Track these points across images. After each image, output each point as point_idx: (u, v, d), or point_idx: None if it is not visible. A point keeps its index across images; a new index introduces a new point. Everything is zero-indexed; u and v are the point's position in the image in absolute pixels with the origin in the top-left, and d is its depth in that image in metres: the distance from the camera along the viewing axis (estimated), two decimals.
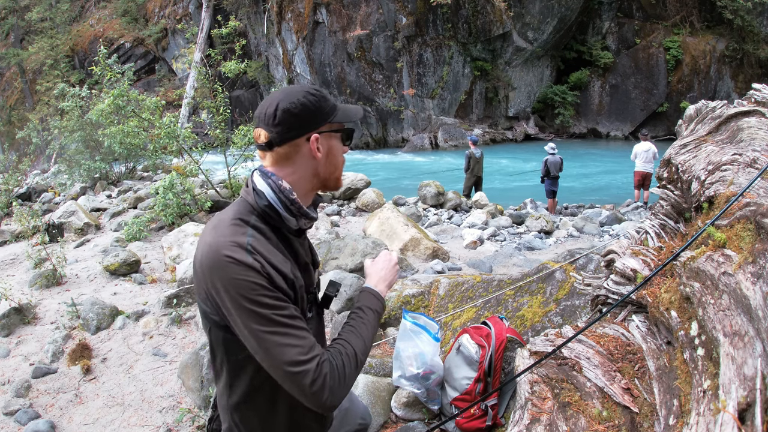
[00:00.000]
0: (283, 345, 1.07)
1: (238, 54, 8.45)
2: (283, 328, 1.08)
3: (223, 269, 1.08)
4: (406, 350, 2.49)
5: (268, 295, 1.08)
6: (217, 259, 1.10)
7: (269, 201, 1.19)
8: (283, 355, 1.07)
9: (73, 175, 11.43)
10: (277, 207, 1.19)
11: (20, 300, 4.67)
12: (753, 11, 21.61)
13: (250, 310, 1.07)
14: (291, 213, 1.21)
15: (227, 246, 1.10)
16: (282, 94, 1.20)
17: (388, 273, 1.45)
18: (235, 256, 1.08)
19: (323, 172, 1.27)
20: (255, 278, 1.07)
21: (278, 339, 1.07)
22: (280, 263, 1.14)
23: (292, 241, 1.25)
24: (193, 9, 26.60)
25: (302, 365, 1.07)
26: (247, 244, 1.11)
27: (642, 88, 23.83)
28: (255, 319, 1.07)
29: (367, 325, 1.28)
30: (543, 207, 10.43)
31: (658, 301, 1.64)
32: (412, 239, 5.97)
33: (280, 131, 1.18)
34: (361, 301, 1.35)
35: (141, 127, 8.08)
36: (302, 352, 1.07)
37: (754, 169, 1.84)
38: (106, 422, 3.23)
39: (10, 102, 30.39)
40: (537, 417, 1.51)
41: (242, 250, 1.09)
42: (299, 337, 1.09)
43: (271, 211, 1.19)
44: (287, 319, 1.09)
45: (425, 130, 23.14)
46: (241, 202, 1.23)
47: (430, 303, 3.67)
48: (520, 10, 21.74)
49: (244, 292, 1.07)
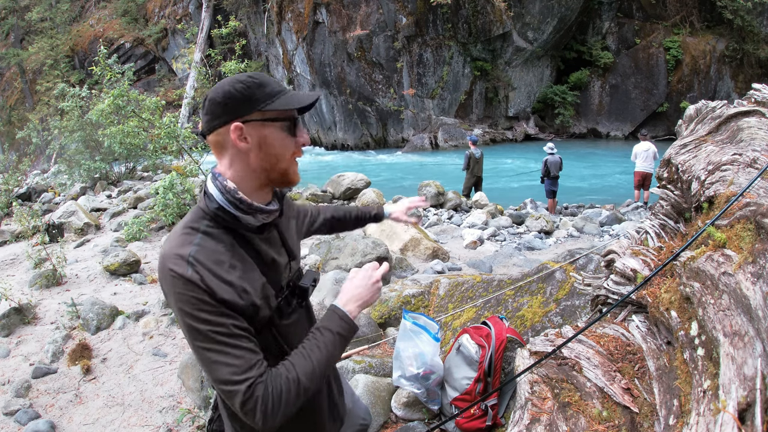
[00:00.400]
0: (217, 363, 1.06)
1: (238, 54, 8.45)
2: (218, 345, 1.06)
3: (168, 282, 1.09)
4: (406, 350, 2.49)
5: (207, 310, 1.07)
6: (162, 271, 1.11)
7: (218, 203, 1.17)
8: (216, 372, 1.06)
9: (73, 175, 11.43)
10: (228, 208, 1.16)
11: (20, 300, 4.67)
12: (753, 11, 21.60)
13: (189, 325, 1.07)
14: (244, 211, 1.17)
15: (171, 258, 1.10)
16: (216, 86, 1.17)
17: (365, 292, 1.30)
18: (177, 270, 1.08)
19: (259, 165, 1.18)
20: (194, 292, 1.07)
21: (213, 356, 1.06)
22: (226, 272, 1.12)
23: (251, 239, 1.21)
24: (193, 9, 26.61)
25: (233, 385, 1.05)
26: (189, 255, 1.09)
27: (642, 88, 23.82)
28: (193, 334, 1.07)
29: (321, 348, 1.18)
30: (543, 207, 10.43)
31: (658, 301, 1.64)
32: (412, 239, 5.98)
33: (207, 120, 1.16)
34: (322, 321, 1.25)
35: (141, 127, 8.08)
36: (235, 372, 1.06)
37: (754, 169, 1.84)
38: (106, 422, 3.22)
39: (10, 102, 30.39)
40: (537, 417, 1.51)
41: (184, 263, 1.08)
42: (234, 356, 1.07)
43: (223, 213, 1.17)
44: (224, 337, 1.07)
45: (425, 130, 23.14)
46: (195, 208, 1.21)
47: (430, 303, 3.67)
48: (520, 10, 21.74)
49: (183, 306, 1.07)
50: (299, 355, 1.16)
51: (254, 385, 1.06)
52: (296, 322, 1.32)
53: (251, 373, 1.07)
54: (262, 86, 1.15)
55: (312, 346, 1.18)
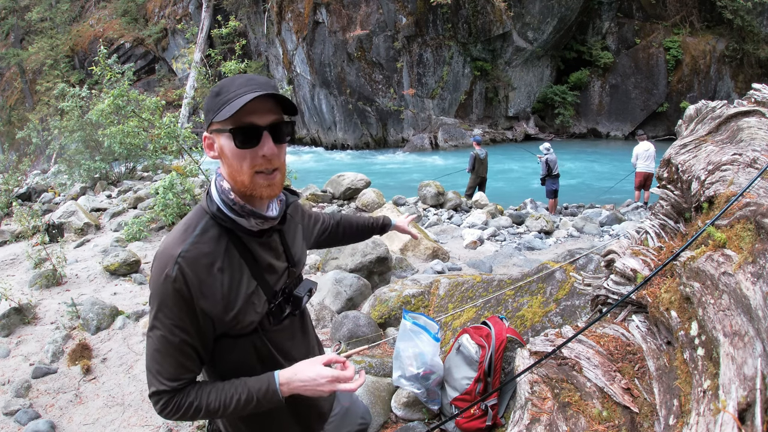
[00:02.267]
0: (155, 360, 1.17)
1: (238, 54, 8.45)
2: (163, 350, 1.15)
3: (153, 275, 1.16)
4: (406, 350, 2.49)
5: (169, 315, 1.13)
6: (153, 266, 1.17)
7: (216, 204, 1.18)
8: (152, 365, 1.17)
9: (73, 175, 11.43)
10: (223, 209, 1.17)
11: (20, 300, 4.67)
12: (753, 11, 21.60)
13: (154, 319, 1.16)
14: (237, 213, 1.16)
15: (162, 254, 1.15)
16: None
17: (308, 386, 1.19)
18: (163, 268, 1.13)
19: (227, 173, 1.17)
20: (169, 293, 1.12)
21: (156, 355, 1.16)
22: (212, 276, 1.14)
23: (248, 242, 1.21)
24: (193, 9, 26.60)
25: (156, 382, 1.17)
26: (179, 255, 1.12)
27: (642, 88, 23.82)
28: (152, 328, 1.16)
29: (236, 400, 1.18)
30: (543, 207, 10.43)
31: (658, 301, 1.64)
32: (412, 239, 5.98)
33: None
34: (255, 380, 1.20)
35: (141, 127, 8.08)
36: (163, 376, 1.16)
37: (754, 169, 1.84)
38: (106, 422, 3.22)
39: (10, 102, 30.39)
40: (537, 417, 1.51)
41: (172, 261, 1.12)
42: (169, 365, 1.16)
43: (219, 214, 1.17)
44: (171, 347, 1.15)
45: (425, 130, 23.14)
46: (196, 208, 1.23)
47: (430, 303, 3.67)
48: (520, 10, 21.74)
49: (154, 300, 1.15)
50: (216, 393, 1.19)
51: (167, 393, 1.16)
52: (288, 329, 1.33)
53: (173, 384, 1.16)
54: (217, 95, 1.11)
55: (229, 394, 1.19)
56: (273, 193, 1.16)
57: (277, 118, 1.12)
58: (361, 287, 4.30)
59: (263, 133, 1.10)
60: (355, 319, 3.54)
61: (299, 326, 1.39)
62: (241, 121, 1.09)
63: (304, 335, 1.41)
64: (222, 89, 1.11)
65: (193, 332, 1.15)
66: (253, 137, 1.10)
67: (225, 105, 1.08)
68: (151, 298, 1.16)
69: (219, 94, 1.11)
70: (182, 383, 1.17)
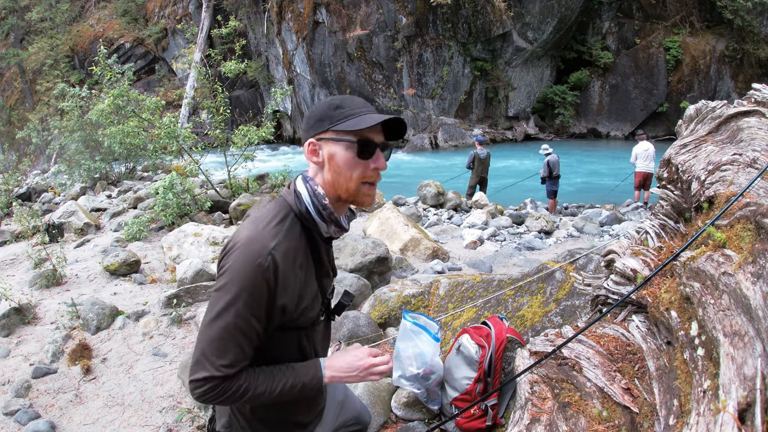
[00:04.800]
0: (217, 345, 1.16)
1: (238, 54, 8.44)
2: (231, 336, 1.16)
3: (239, 262, 1.16)
4: (406, 350, 2.49)
5: (250, 304, 1.16)
6: (240, 251, 1.17)
7: (305, 204, 1.26)
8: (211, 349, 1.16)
9: (73, 175, 11.43)
10: (311, 211, 1.26)
11: (20, 300, 4.67)
12: (753, 11, 21.60)
13: (225, 303, 1.16)
14: (323, 218, 1.27)
15: (256, 241, 1.18)
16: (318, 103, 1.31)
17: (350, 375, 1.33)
18: (254, 257, 1.16)
19: (328, 181, 1.27)
20: (257, 283, 1.15)
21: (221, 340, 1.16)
22: (294, 272, 1.22)
23: (320, 247, 1.32)
24: (193, 9, 26.60)
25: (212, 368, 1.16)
26: (273, 247, 1.18)
27: (642, 88, 23.83)
28: (220, 311, 1.16)
29: (284, 385, 1.25)
30: (543, 207, 10.43)
31: (658, 301, 1.64)
32: (412, 239, 5.98)
33: (303, 134, 1.29)
34: (303, 366, 1.30)
35: (141, 127, 8.08)
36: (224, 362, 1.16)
37: (754, 169, 1.84)
38: (106, 422, 3.22)
39: (10, 102, 30.39)
40: (537, 417, 1.51)
41: (265, 251, 1.17)
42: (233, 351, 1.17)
43: (307, 215, 1.26)
44: (240, 334, 1.17)
45: (425, 130, 23.14)
46: (281, 203, 1.30)
47: (430, 303, 3.67)
48: (520, 10, 21.74)
49: (234, 287, 1.15)
50: (264, 376, 1.24)
51: (219, 379, 1.17)
52: (323, 329, 1.44)
53: (230, 371, 1.17)
54: (339, 107, 1.24)
55: (277, 378, 1.25)
56: (371, 202, 1.31)
57: (385, 140, 1.30)
58: (361, 287, 4.30)
59: (377, 149, 1.26)
60: (355, 319, 3.54)
61: (327, 328, 1.50)
62: (364, 135, 1.23)
63: (327, 336, 1.52)
64: (344, 103, 1.25)
65: (265, 322, 1.21)
66: (371, 151, 1.25)
67: (349, 118, 1.22)
68: (229, 284, 1.16)
69: (340, 107, 1.24)
70: (238, 369, 1.20)
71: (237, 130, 8.29)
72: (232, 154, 8.38)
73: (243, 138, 8.13)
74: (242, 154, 8.37)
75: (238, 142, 8.18)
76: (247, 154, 8.38)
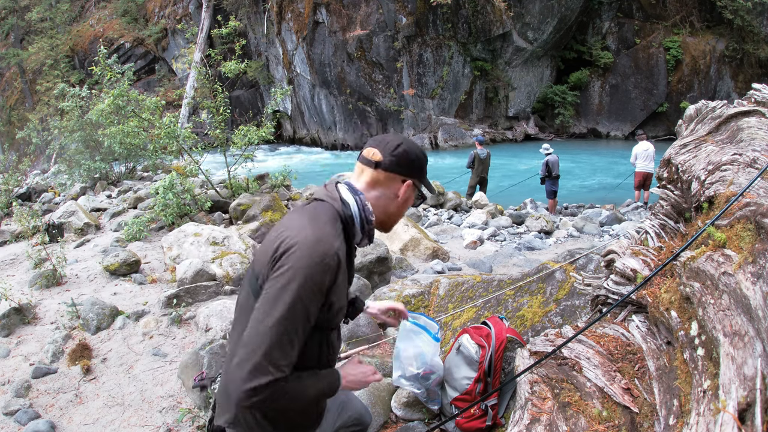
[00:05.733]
0: (278, 340, 1.15)
1: (238, 54, 8.43)
2: (293, 330, 1.17)
3: (306, 259, 1.18)
4: (407, 350, 2.49)
5: (314, 301, 1.20)
6: (309, 249, 1.20)
7: (352, 213, 1.36)
8: (269, 345, 1.14)
9: (73, 175, 11.42)
10: (356, 220, 1.37)
11: (20, 300, 4.67)
12: (753, 11, 21.60)
13: (289, 302, 1.15)
14: (363, 230, 1.39)
15: (322, 243, 1.21)
16: (406, 139, 1.46)
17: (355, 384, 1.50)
18: (323, 256, 1.20)
19: (392, 213, 1.45)
20: (323, 282, 1.20)
21: (282, 335, 1.15)
22: (343, 276, 1.31)
23: (351, 253, 1.43)
24: (193, 9, 26.60)
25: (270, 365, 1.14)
26: (337, 249, 1.25)
27: (642, 88, 23.82)
28: (289, 311, 1.15)
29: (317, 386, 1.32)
30: (543, 207, 10.43)
31: (658, 301, 1.64)
32: (412, 239, 5.97)
33: (393, 161, 1.39)
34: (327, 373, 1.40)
35: (141, 127, 8.07)
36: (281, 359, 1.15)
37: (754, 169, 1.84)
38: (106, 422, 3.22)
39: (10, 102, 30.39)
40: (537, 417, 1.51)
41: (332, 252, 1.22)
42: (292, 348, 1.18)
43: (351, 222, 1.37)
44: (301, 329, 1.19)
45: (425, 130, 23.14)
46: (328, 208, 1.37)
47: (430, 303, 3.67)
48: (520, 10, 21.73)
49: (298, 285, 1.16)
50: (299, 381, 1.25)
51: (282, 381, 1.15)
52: (336, 333, 1.50)
53: (287, 370, 1.17)
54: (426, 162, 1.49)
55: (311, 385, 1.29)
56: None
57: None
58: (361, 287, 4.30)
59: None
60: (355, 318, 3.53)
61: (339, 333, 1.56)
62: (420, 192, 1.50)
63: (340, 338, 1.59)
64: (425, 161, 1.48)
65: (314, 320, 1.25)
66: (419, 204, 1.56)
67: (426, 174, 1.50)
68: (292, 280, 1.17)
69: (426, 161, 1.48)
70: (291, 369, 1.21)
71: (237, 130, 8.28)
72: (232, 154, 8.38)
73: (243, 138, 8.13)
74: (242, 154, 8.36)
75: (238, 142, 8.17)
76: (247, 154, 8.38)
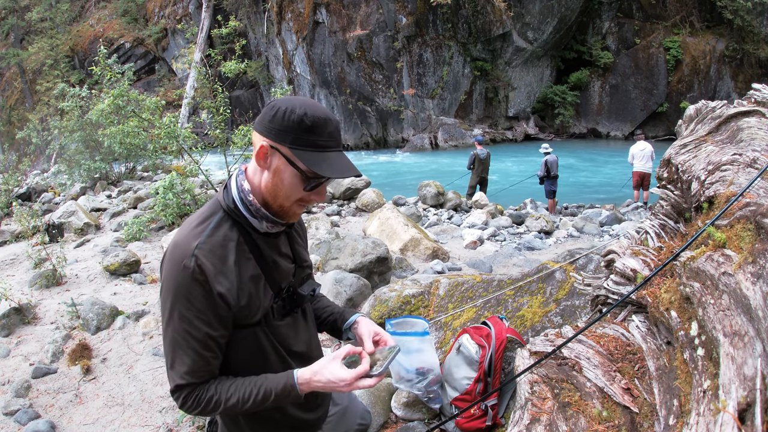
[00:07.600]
0: (176, 355, 1.19)
1: (238, 54, 8.43)
2: (184, 344, 1.17)
3: (168, 268, 1.17)
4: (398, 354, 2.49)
5: (188, 306, 1.15)
6: (167, 256, 1.19)
7: (233, 199, 1.23)
8: (172, 361, 1.19)
9: (73, 175, 11.43)
10: (239, 206, 1.22)
11: (20, 300, 4.67)
12: (753, 11, 21.60)
13: (168, 311, 1.17)
14: (251, 214, 1.22)
15: (178, 246, 1.18)
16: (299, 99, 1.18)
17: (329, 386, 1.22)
18: (180, 259, 1.16)
19: (268, 190, 1.20)
20: (188, 284, 1.15)
21: (177, 350, 1.18)
22: (226, 266, 1.19)
23: (256, 239, 1.26)
24: (193, 9, 26.60)
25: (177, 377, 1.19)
26: (196, 247, 1.16)
27: (642, 88, 23.82)
28: (171, 323, 1.17)
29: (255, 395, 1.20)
30: (543, 207, 10.43)
31: (658, 301, 1.64)
32: (412, 239, 5.98)
33: (258, 120, 1.19)
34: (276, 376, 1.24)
35: (141, 127, 8.07)
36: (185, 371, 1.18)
37: (754, 169, 1.84)
38: (106, 422, 3.22)
39: (10, 102, 30.39)
40: (537, 417, 1.51)
41: (189, 254, 1.16)
42: (191, 359, 1.18)
43: (235, 210, 1.23)
44: (193, 340, 1.17)
45: (425, 130, 23.14)
46: (213, 202, 1.28)
47: (430, 303, 3.67)
48: (520, 10, 21.74)
49: (169, 293, 1.16)
50: (235, 388, 1.22)
51: (188, 388, 1.19)
52: (291, 325, 1.37)
53: (192, 378, 1.19)
54: (309, 131, 1.14)
55: (248, 389, 1.22)
56: (296, 220, 1.30)
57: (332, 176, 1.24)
58: (361, 287, 4.30)
59: (324, 183, 1.22)
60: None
61: (302, 323, 1.42)
62: (316, 174, 1.16)
63: (306, 333, 1.44)
64: (314, 128, 1.14)
65: (214, 322, 1.18)
66: (318, 185, 1.20)
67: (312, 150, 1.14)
68: (166, 292, 1.17)
69: (311, 131, 1.14)
70: (202, 377, 1.20)
71: (237, 130, 8.28)
72: (232, 154, 8.38)
73: (243, 138, 8.13)
74: (242, 154, 8.37)
75: (238, 142, 8.17)
76: (247, 155, 8.37)
